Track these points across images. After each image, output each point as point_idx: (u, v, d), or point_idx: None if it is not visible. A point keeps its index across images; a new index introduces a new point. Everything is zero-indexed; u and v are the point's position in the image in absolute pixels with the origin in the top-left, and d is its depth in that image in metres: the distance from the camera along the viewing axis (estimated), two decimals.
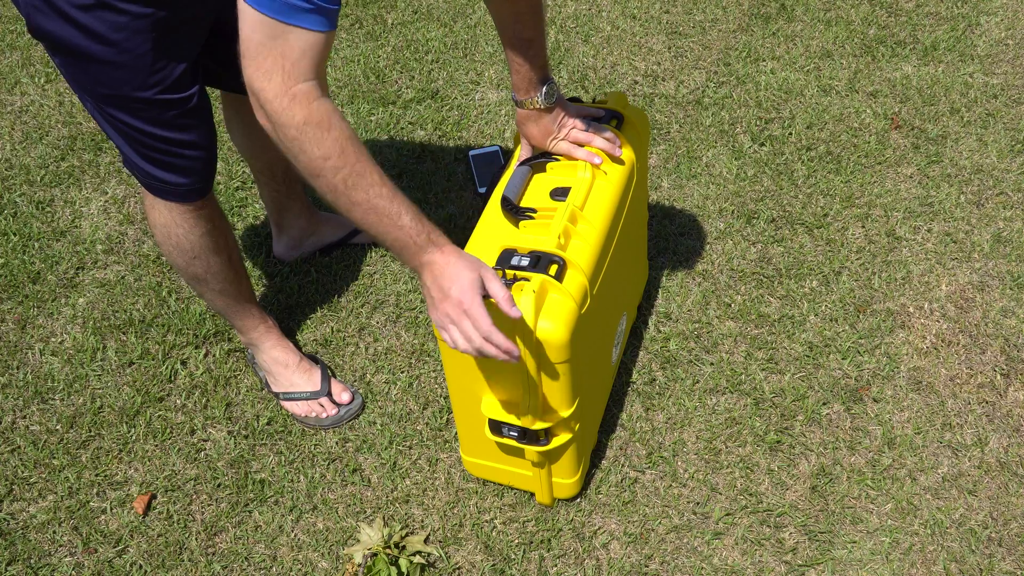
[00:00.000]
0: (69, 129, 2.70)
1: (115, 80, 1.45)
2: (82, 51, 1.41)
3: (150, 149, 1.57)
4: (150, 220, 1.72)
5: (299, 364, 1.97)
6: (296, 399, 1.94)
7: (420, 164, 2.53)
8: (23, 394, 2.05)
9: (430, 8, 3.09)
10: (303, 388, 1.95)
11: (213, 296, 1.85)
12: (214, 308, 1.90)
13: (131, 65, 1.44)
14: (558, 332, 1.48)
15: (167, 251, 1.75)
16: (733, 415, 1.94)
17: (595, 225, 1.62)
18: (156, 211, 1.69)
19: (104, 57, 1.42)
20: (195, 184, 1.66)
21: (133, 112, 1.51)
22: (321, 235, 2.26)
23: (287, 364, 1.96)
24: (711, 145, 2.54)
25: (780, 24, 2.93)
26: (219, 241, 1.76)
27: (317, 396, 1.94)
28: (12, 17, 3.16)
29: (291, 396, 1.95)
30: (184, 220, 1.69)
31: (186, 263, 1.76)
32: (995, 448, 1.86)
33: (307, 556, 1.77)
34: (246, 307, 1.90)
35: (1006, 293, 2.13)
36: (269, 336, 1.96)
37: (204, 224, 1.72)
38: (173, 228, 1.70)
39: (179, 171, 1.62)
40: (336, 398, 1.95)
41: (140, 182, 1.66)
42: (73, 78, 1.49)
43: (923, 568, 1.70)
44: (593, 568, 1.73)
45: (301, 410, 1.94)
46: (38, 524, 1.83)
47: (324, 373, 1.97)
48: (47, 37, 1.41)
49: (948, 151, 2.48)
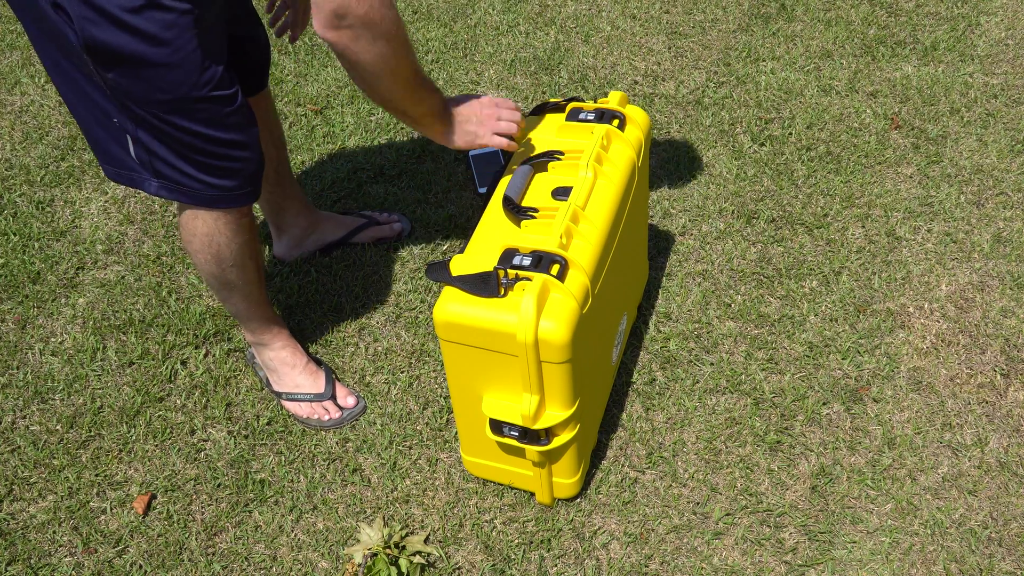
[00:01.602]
0: (69, 129, 2.70)
1: (173, 83, 1.47)
2: (138, 57, 1.42)
3: (207, 156, 1.58)
4: (190, 230, 1.72)
5: (305, 366, 1.98)
6: (299, 400, 1.95)
7: (420, 164, 2.53)
8: (23, 394, 2.05)
9: (430, 8, 3.09)
10: (307, 390, 1.95)
11: (238, 300, 1.85)
12: (234, 311, 1.90)
13: (185, 64, 1.46)
14: (560, 332, 1.48)
15: (203, 259, 1.75)
16: (733, 415, 1.94)
17: (597, 225, 1.63)
18: (200, 220, 1.69)
19: (160, 59, 1.44)
20: (247, 187, 1.67)
21: (192, 115, 1.52)
22: (322, 234, 2.26)
23: (294, 365, 1.96)
24: (711, 145, 2.54)
25: (780, 24, 2.93)
26: (255, 247, 1.79)
27: (321, 399, 1.94)
28: (12, 17, 3.16)
29: (294, 397, 1.95)
30: (228, 228, 1.70)
31: (222, 271, 1.77)
32: (995, 448, 1.86)
33: (307, 556, 1.77)
34: (264, 309, 1.91)
35: (1006, 293, 2.13)
36: (280, 336, 1.96)
37: (245, 233, 1.74)
38: (216, 237, 1.71)
39: (234, 175, 1.64)
40: (340, 402, 1.96)
41: (189, 198, 1.65)
42: (129, 93, 1.48)
43: (923, 568, 1.70)
44: (593, 568, 1.73)
45: (304, 412, 1.95)
46: (38, 524, 1.83)
47: (329, 377, 1.98)
48: (104, 49, 1.41)
49: (948, 151, 2.48)
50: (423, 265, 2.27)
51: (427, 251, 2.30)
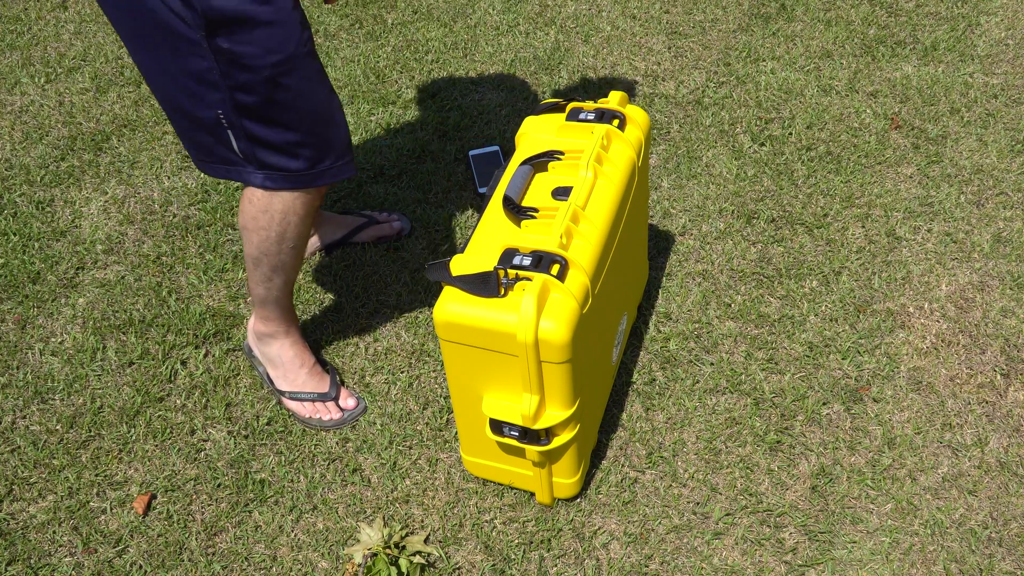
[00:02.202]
0: (69, 129, 2.70)
1: (282, 40, 1.51)
2: (249, 17, 1.47)
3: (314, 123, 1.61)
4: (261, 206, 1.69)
5: (312, 367, 1.98)
6: (302, 399, 1.95)
7: (420, 164, 2.53)
8: (23, 394, 2.05)
9: (430, 8, 3.09)
10: (311, 389, 1.96)
11: (279, 284, 1.84)
12: (266, 296, 1.87)
13: (288, 21, 1.51)
14: (560, 332, 1.48)
15: (265, 236, 1.73)
16: (733, 415, 1.94)
17: (597, 225, 1.63)
18: (278, 198, 1.68)
19: (268, 18, 1.48)
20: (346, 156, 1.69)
21: (302, 73, 1.56)
22: (322, 234, 2.27)
23: (302, 364, 1.97)
24: (711, 145, 2.54)
25: (780, 24, 2.93)
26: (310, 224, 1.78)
27: (324, 399, 1.94)
28: (12, 17, 3.16)
29: (297, 396, 1.95)
30: (303, 208, 1.70)
31: (280, 250, 1.75)
32: (995, 448, 1.86)
33: (307, 556, 1.77)
34: (291, 299, 1.92)
35: (1006, 293, 2.13)
36: (293, 332, 1.96)
37: (313, 215, 1.74)
38: (289, 216, 1.70)
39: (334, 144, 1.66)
40: (342, 403, 1.96)
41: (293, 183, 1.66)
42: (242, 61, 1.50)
43: (923, 568, 1.70)
44: (593, 568, 1.73)
45: (306, 411, 1.95)
46: (38, 524, 1.83)
47: (334, 380, 1.98)
48: (220, 15, 1.45)
49: (948, 151, 2.48)
50: (423, 265, 2.27)
51: (427, 251, 2.30)
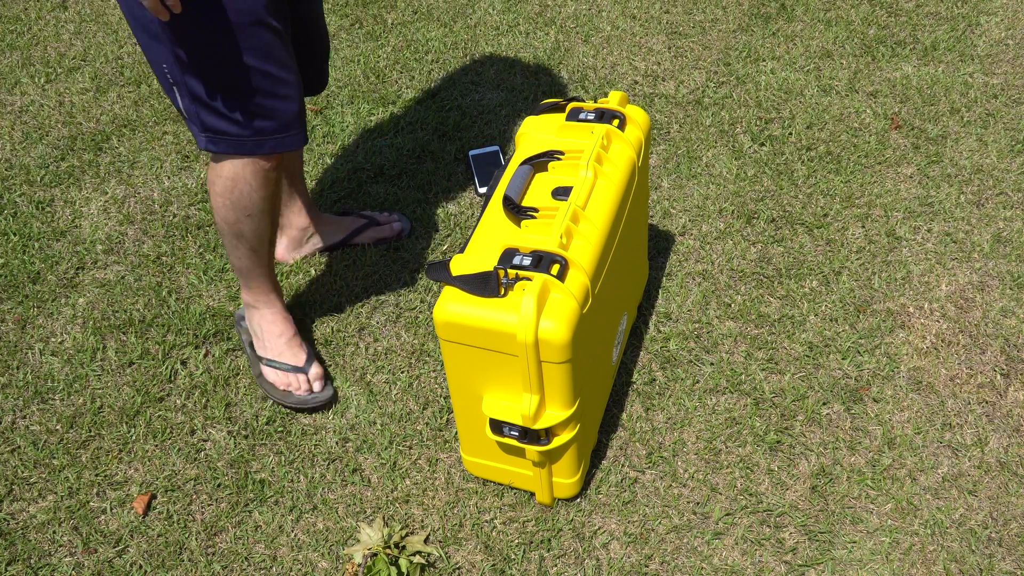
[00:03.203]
0: (69, 129, 2.70)
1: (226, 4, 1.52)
2: None
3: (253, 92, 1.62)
4: (215, 171, 1.73)
5: (292, 338, 2.00)
6: (277, 368, 1.98)
7: (420, 164, 2.53)
8: (23, 394, 2.05)
9: (430, 8, 3.09)
10: (287, 360, 1.98)
11: (243, 254, 1.87)
12: (238, 265, 1.92)
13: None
14: (560, 332, 1.48)
15: (221, 203, 1.77)
16: (733, 415, 1.94)
17: (597, 225, 1.63)
18: (228, 163, 1.71)
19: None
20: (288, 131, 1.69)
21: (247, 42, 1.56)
22: (322, 235, 2.27)
23: (281, 334, 1.99)
24: (711, 145, 2.54)
25: (780, 24, 2.93)
26: (275, 204, 1.81)
27: (297, 372, 1.97)
28: (12, 17, 3.16)
29: (273, 363, 1.99)
30: (254, 177, 1.72)
31: (236, 219, 1.78)
32: (995, 448, 1.86)
33: (307, 556, 1.77)
34: (267, 270, 1.94)
35: (1006, 293, 2.13)
36: (274, 303, 1.99)
37: (271, 186, 1.75)
38: (239, 184, 1.72)
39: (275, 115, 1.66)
40: (312, 382, 1.98)
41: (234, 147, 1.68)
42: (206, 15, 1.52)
43: (923, 568, 1.70)
44: (593, 568, 1.73)
45: (280, 381, 1.98)
46: (38, 524, 1.83)
47: (311, 355, 2.01)
48: None
49: (948, 151, 2.48)
50: (423, 265, 2.27)
51: (427, 251, 2.30)
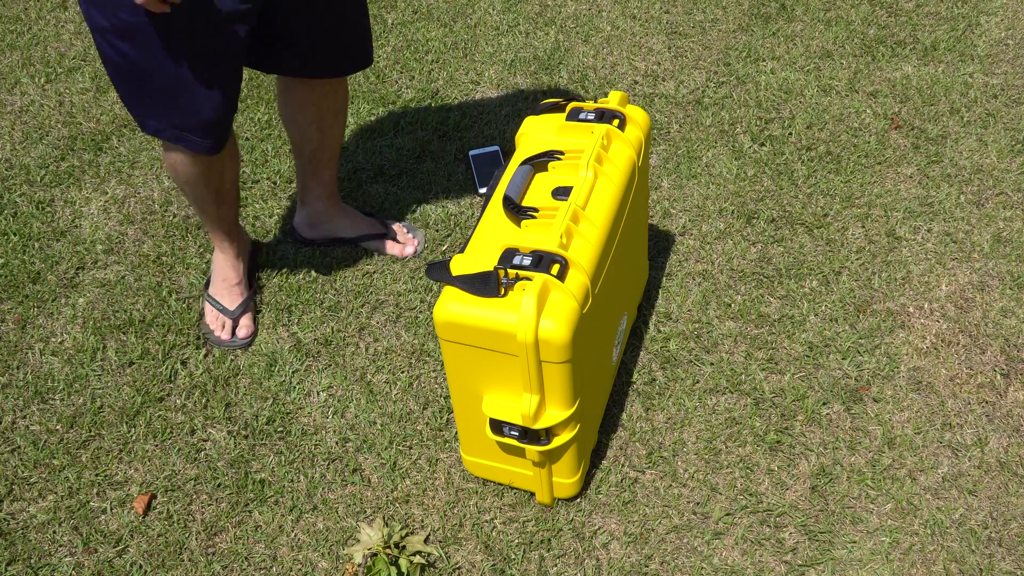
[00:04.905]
0: (69, 129, 2.70)
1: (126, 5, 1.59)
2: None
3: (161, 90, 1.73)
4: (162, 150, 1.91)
5: (234, 285, 2.16)
6: (211, 305, 2.15)
7: (420, 164, 2.53)
8: (23, 394, 2.05)
9: (430, 8, 3.09)
10: (221, 302, 2.14)
11: (196, 210, 2.08)
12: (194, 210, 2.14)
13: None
14: (560, 332, 1.48)
15: (167, 165, 1.94)
16: (733, 415, 1.94)
17: (597, 225, 1.63)
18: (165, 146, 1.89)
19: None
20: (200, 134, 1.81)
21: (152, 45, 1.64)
22: (335, 226, 2.28)
23: (225, 279, 2.15)
24: (711, 145, 2.54)
25: (780, 24, 2.93)
26: (211, 178, 1.95)
27: (225, 314, 2.12)
28: (12, 17, 3.16)
29: (210, 300, 2.16)
30: (188, 166, 1.89)
31: (180, 183, 1.98)
32: (995, 448, 1.86)
33: (307, 556, 1.77)
34: (221, 223, 2.09)
35: (1006, 293, 2.13)
36: (229, 251, 2.15)
37: (201, 165, 1.90)
38: (179, 167, 1.91)
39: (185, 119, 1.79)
40: (237, 328, 2.13)
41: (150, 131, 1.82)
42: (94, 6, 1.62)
43: (923, 568, 1.70)
44: (593, 568, 1.73)
45: (209, 318, 2.15)
46: (38, 524, 1.83)
47: (246, 304, 2.15)
48: None
49: (948, 151, 2.48)
50: (423, 265, 2.27)
51: (427, 251, 2.30)
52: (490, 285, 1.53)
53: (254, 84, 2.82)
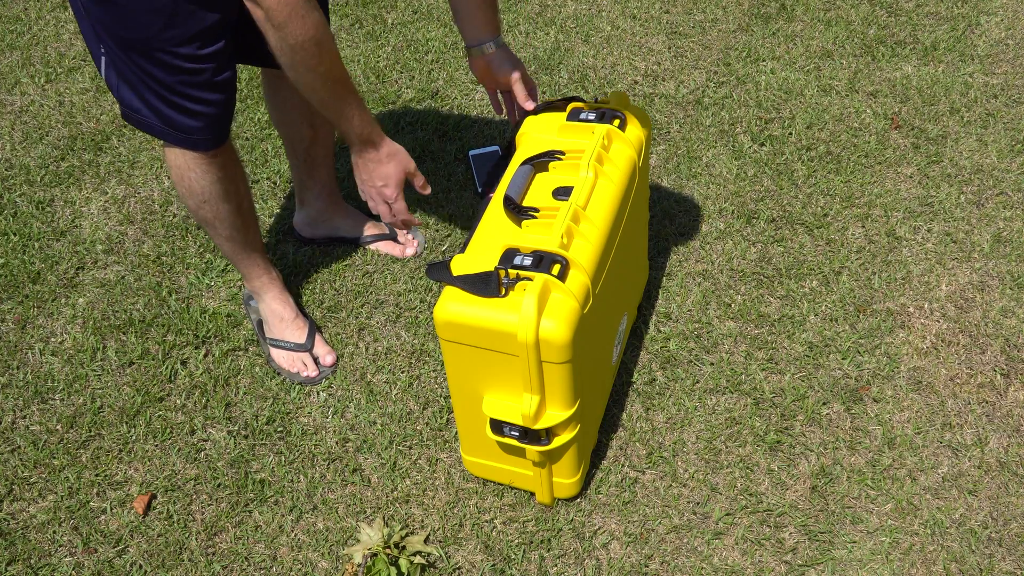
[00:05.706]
0: (69, 129, 2.70)
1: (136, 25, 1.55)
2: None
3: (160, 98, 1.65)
4: (168, 160, 1.80)
5: (294, 320, 2.06)
6: (282, 348, 2.05)
7: (420, 164, 2.53)
8: (23, 394, 2.05)
9: (430, 8, 3.09)
10: (289, 339, 2.05)
11: (221, 241, 1.94)
12: (223, 252, 1.99)
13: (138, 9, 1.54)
14: (560, 332, 1.48)
15: (180, 192, 1.84)
16: (733, 415, 1.94)
17: (597, 225, 1.63)
18: (172, 153, 1.77)
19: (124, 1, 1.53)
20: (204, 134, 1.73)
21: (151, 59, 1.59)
22: (335, 225, 2.28)
23: (283, 318, 2.06)
24: (711, 145, 2.54)
25: (780, 24, 2.93)
26: (229, 189, 1.84)
27: (299, 349, 2.04)
28: (12, 17, 3.16)
29: (278, 344, 2.05)
30: (197, 165, 1.77)
31: (196, 206, 1.85)
32: (995, 448, 1.86)
33: (307, 556, 1.77)
34: (252, 256, 1.98)
35: (1006, 293, 2.13)
36: (271, 287, 2.05)
37: (216, 171, 1.79)
38: (186, 172, 1.78)
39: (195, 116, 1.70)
40: (320, 359, 2.05)
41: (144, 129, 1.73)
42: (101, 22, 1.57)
43: (923, 568, 1.70)
44: (593, 568, 1.73)
45: (285, 362, 2.04)
46: (38, 524, 1.83)
47: (311, 331, 2.07)
48: None
49: (948, 151, 2.48)
50: (423, 265, 2.27)
51: (427, 251, 2.30)
52: (491, 285, 1.53)
53: (254, 84, 2.82)
